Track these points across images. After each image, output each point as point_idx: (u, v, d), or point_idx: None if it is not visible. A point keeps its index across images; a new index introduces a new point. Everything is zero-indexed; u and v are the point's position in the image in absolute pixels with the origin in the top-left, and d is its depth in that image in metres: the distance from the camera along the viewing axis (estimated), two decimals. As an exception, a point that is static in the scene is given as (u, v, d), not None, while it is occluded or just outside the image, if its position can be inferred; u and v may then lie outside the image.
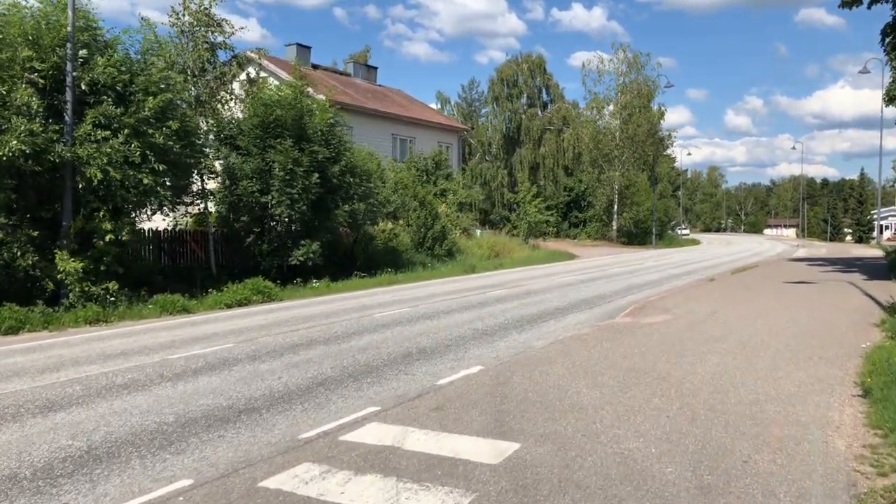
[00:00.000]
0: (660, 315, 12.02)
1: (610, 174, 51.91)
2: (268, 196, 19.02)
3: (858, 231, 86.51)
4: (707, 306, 12.88)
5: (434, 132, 43.67)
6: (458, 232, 32.90)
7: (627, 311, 12.74)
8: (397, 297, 16.15)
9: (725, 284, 16.99)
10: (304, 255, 19.11)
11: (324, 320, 12.35)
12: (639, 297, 15.47)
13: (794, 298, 13.89)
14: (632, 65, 52.11)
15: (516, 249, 34.13)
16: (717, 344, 9.37)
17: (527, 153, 60.88)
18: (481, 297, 15.80)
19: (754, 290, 15.55)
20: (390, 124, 40.17)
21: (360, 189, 21.02)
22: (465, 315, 12.79)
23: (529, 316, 12.61)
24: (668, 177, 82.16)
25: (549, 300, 14.91)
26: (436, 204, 28.15)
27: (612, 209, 53.01)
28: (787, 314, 11.79)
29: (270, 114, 19.26)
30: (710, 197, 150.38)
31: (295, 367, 8.48)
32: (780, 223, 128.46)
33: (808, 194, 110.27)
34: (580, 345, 9.56)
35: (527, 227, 35.96)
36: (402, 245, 26.06)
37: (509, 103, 62.65)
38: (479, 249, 31.13)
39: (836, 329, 10.34)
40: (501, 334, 10.72)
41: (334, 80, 41.28)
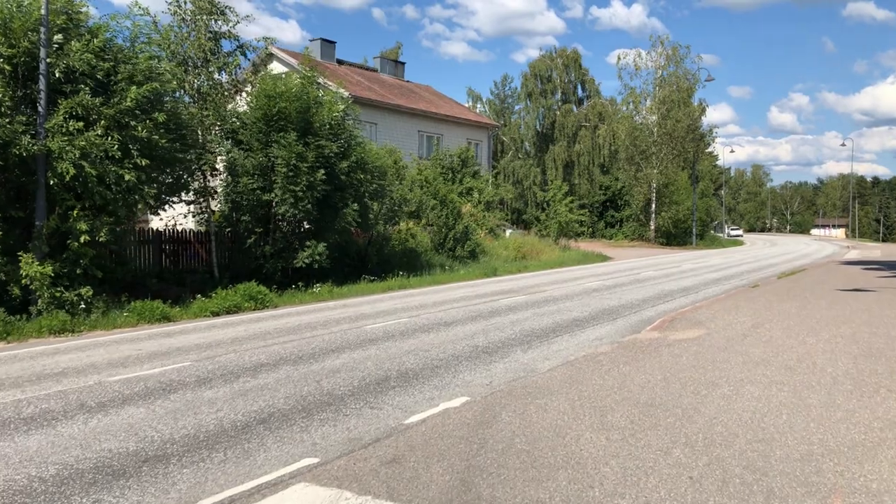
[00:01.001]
0: (692, 330, 10.36)
1: (647, 172, 49.74)
2: (270, 194, 17.79)
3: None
4: (748, 319, 11.17)
5: (463, 129, 42.27)
6: (483, 232, 31.41)
7: (655, 325, 11.10)
8: (401, 304, 14.73)
9: (770, 292, 15.18)
10: (310, 258, 17.82)
11: (307, 333, 10.97)
12: (670, 306, 13.78)
13: (850, 310, 12.07)
14: (670, 58, 49.86)
15: (546, 251, 32.43)
16: (759, 369, 7.72)
17: (560, 151, 59.00)
18: (493, 304, 14.28)
19: (803, 299, 13.73)
20: (417, 121, 38.89)
21: (371, 187, 19.67)
22: (468, 327, 11.30)
23: (542, 329, 11.06)
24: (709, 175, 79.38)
25: (569, 309, 13.32)
26: (458, 202, 26.66)
27: (649, 208, 50.83)
28: (844, 330, 10.03)
29: (273, 106, 17.99)
30: (755, 196, 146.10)
31: (243, 395, 7.09)
32: (828, 223, 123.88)
33: (858, 193, 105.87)
34: (593, 368, 7.99)
35: (557, 228, 34.22)
36: (421, 246, 24.67)
37: (543, 99, 60.86)
38: (505, 251, 29.55)
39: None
40: (503, 353, 9.20)
41: (360, 75, 40.17)
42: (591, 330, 10.99)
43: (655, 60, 50.00)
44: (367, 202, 19.96)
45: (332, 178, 18.39)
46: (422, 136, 39.19)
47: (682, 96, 50.39)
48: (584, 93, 63.34)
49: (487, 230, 32.08)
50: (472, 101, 62.41)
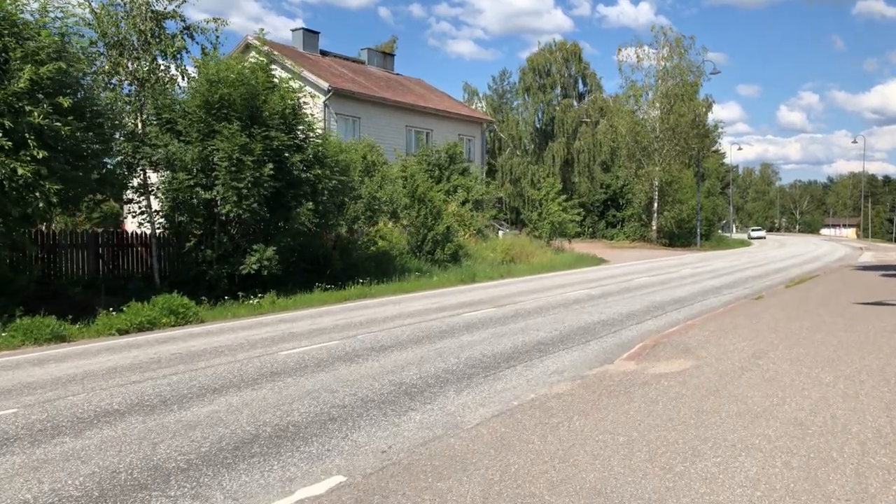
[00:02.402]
0: (678, 360, 8.28)
1: (649, 169, 47.46)
2: (211, 191, 15.80)
3: (926, 231, 79.96)
4: (748, 344, 9.07)
5: (454, 124, 40.23)
6: (469, 233, 29.34)
7: (634, 351, 9.02)
8: (346, 319, 12.68)
9: (776, 305, 13.06)
10: (258, 263, 15.83)
11: (202, 362, 8.93)
12: (658, 324, 11.69)
13: (874, 332, 9.95)
14: (674, 49, 47.56)
15: (537, 253, 30.31)
16: (759, 426, 5.65)
17: (560, 147, 56.81)
18: (452, 320, 12.22)
19: (816, 316, 11.61)
20: (404, 115, 36.87)
21: (330, 183, 17.63)
22: (406, 354, 9.24)
23: (494, 357, 8.99)
24: (716, 173, 77.10)
25: (537, 328, 11.25)
26: (439, 201, 24.59)
27: (651, 208, 48.58)
28: (870, 362, 7.93)
29: (215, 92, 15.98)
30: (763, 195, 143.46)
31: (35, 470, 5.06)
32: (839, 223, 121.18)
33: (870, 192, 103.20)
34: (536, 423, 5.94)
35: (550, 228, 32.11)
36: (397, 249, 22.63)
37: (542, 94, 58.67)
38: (492, 254, 27.46)
39: (955, 396, 6.50)
40: (430, 394, 7.15)
41: (344, 67, 38.17)
42: (555, 358, 8.92)
43: (658, 52, 47.74)
44: (325, 200, 17.95)
45: (283, 173, 16.39)
46: (409, 130, 37.17)
47: (686, 90, 48.11)
48: (584, 88, 61.13)
49: (475, 231, 30.03)
50: (468, 97, 60.28)
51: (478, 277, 20.73)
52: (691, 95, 47.93)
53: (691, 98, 48.24)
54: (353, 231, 22.57)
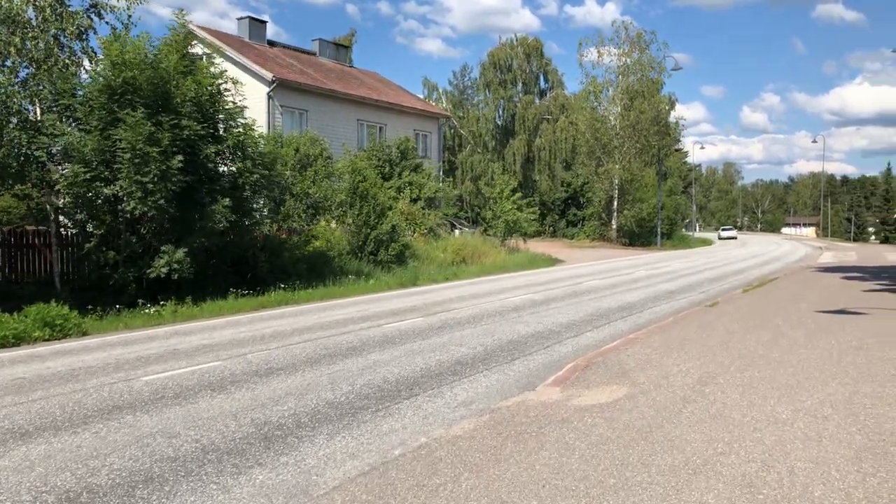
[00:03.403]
0: (609, 386, 6.95)
1: (609, 167, 46.45)
2: (114, 186, 14.14)
3: (884, 231, 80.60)
4: (694, 364, 7.78)
5: (410, 119, 38.76)
6: (420, 232, 27.92)
7: (562, 373, 7.67)
8: (248, 333, 11.15)
9: (731, 314, 11.84)
10: (167, 266, 14.21)
11: (38, 392, 7.33)
12: (598, 336, 10.37)
13: (839, 348, 8.74)
14: (634, 44, 46.58)
15: (490, 253, 28.98)
16: (696, 488, 4.32)
17: (520, 145, 55.63)
18: (368, 333, 10.76)
19: (773, 328, 10.40)
20: (356, 108, 35.29)
21: (252, 177, 16.07)
22: (293, 379, 7.77)
23: (396, 383, 7.57)
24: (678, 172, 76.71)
25: (461, 342, 9.85)
26: (384, 198, 23.09)
27: (611, 206, 47.60)
28: (834, 390, 6.67)
29: (118, 75, 14.31)
30: (726, 194, 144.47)
31: None
32: (799, 221, 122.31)
33: (829, 192, 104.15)
34: (411, 486, 4.53)
35: (504, 227, 30.80)
36: (336, 249, 21.09)
37: (502, 90, 57.39)
38: (442, 254, 26.04)
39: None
40: (293, 440, 5.70)
41: (292, 58, 36.43)
42: (469, 383, 7.52)
43: (619, 47, 46.74)
44: (247, 196, 16.39)
45: (195, 166, 14.81)
46: (361, 125, 35.61)
47: (647, 87, 47.22)
48: (546, 84, 60.03)
49: (426, 230, 28.60)
50: (427, 92, 58.79)
51: (420, 281, 19.31)
52: (653, 92, 47.02)
53: (653, 95, 47.35)
54: (289, 230, 21.03)
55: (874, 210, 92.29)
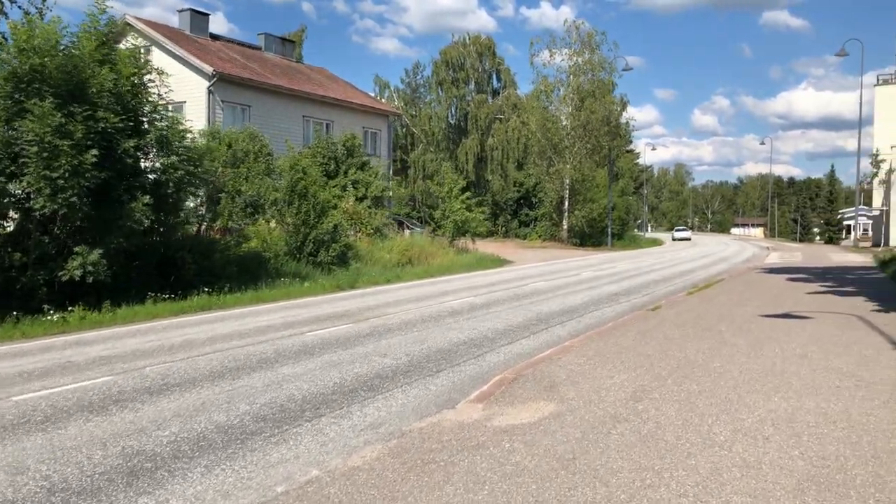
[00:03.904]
0: (536, 402, 6.32)
1: (560, 167, 46.20)
2: (20, 182, 13.05)
3: (828, 231, 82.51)
4: (630, 376, 7.20)
5: (358, 116, 37.86)
6: (365, 232, 27.10)
7: (487, 388, 7.01)
8: (155, 342, 10.25)
9: (673, 319, 11.36)
10: (81, 268, 13.17)
11: None
12: (534, 344, 9.76)
13: (782, 356, 8.28)
14: (585, 44, 46.42)
15: (438, 254, 28.32)
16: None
17: (472, 144, 55.10)
18: (287, 342, 9.96)
19: (716, 334, 9.94)
20: (302, 105, 34.27)
21: (176, 174, 15.09)
22: (187, 398, 6.95)
23: (302, 401, 6.82)
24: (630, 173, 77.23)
25: (385, 352, 9.13)
26: (325, 196, 22.22)
27: (562, 206, 47.37)
28: (776, 405, 6.15)
29: (26, 61, 13.21)
30: (677, 195, 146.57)
31: None
32: (748, 222, 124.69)
33: (776, 193, 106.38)
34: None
35: (453, 227, 30.16)
36: (272, 250, 20.15)
37: (455, 89, 56.78)
38: (387, 255, 25.26)
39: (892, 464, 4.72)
40: (159, 477, 4.91)
41: (235, 52, 35.20)
42: (384, 400, 6.81)
43: (570, 47, 46.51)
44: (171, 194, 15.40)
45: (113, 161, 13.81)
46: (307, 121, 34.57)
47: (598, 87, 47.13)
48: (499, 83, 59.60)
49: (372, 230, 27.78)
50: (379, 90, 57.87)
51: (359, 283, 18.51)
52: (604, 93, 46.95)
53: (604, 95, 47.27)
54: (225, 230, 20.03)
55: (819, 211, 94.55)
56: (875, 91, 59.81)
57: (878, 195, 57.59)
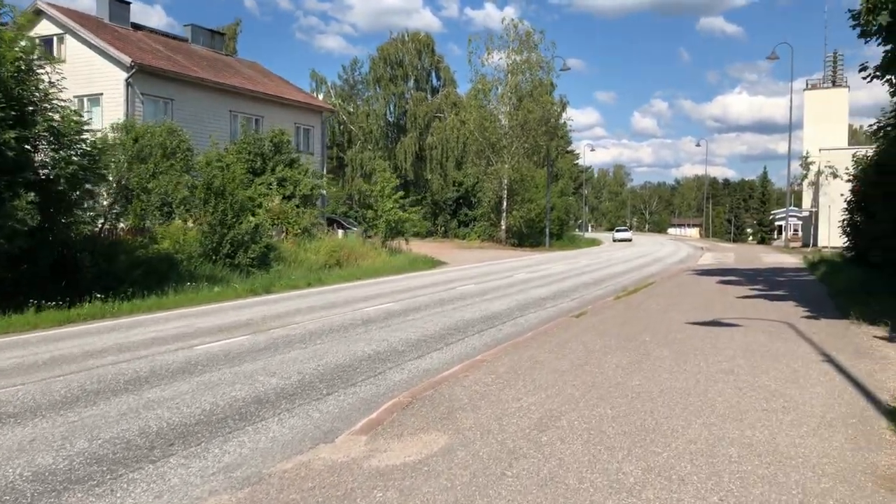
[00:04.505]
0: (428, 433, 5.47)
1: (498, 167, 45.68)
2: None
3: (761, 231, 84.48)
4: (538, 398, 6.43)
5: (290, 112, 36.52)
6: (292, 233, 25.92)
7: (376, 415, 6.12)
8: (14, 360, 9.02)
9: (596, 328, 10.67)
10: (-49, 272, 11.78)
11: None
12: (443, 358, 8.92)
13: (706, 371, 7.65)
14: (524, 43, 46.01)
15: (370, 255, 27.35)
16: None
17: (411, 142, 54.20)
18: (169, 358, 8.88)
19: (639, 343, 9.29)
20: (230, 99, 32.77)
21: (68, 169, 13.75)
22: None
23: (154, 436, 5.81)
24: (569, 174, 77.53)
25: (274, 371, 8.16)
26: (245, 194, 20.99)
27: (501, 207, 46.87)
28: (695, 433, 5.45)
29: None
30: (616, 196, 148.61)
31: None
32: (684, 222, 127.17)
33: (711, 194, 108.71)
34: None
35: (385, 228, 29.20)
36: (186, 251, 18.83)
37: (393, 86, 55.76)
38: (314, 256, 24.15)
39: None
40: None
41: (159, 43, 33.43)
42: (252, 433, 5.85)
43: (508, 45, 46.01)
44: (63, 190, 14.05)
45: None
46: (235, 116, 33.08)
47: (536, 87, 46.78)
48: (438, 81, 58.81)
49: (299, 230, 26.59)
50: (315, 85, 56.42)
51: (276, 287, 17.40)
52: (542, 92, 46.62)
53: (542, 95, 46.95)
54: (135, 230, 18.67)
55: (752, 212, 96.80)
56: (805, 96, 61.36)
57: (808, 196, 59.07)
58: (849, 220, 22.14)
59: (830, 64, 60.96)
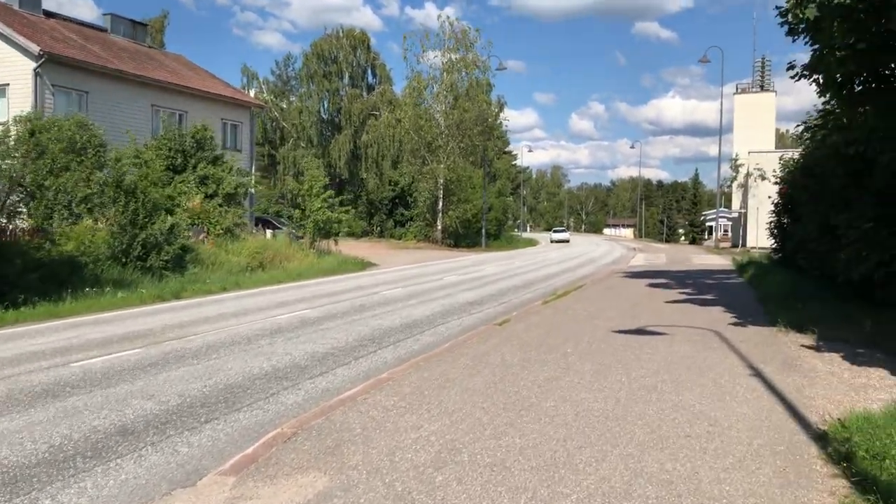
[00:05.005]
0: (306, 475, 4.70)
1: (433, 166, 45.04)
2: None
3: (692, 232, 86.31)
4: (442, 426, 5.73)
5: (217, 107, 35.00)
6: (214, 233, 24.66)
7: (252, 450, 5.31)
8: None
9: (517, 337, 10.03)
10: None
11: None
12: (348, 375, 8.14)
13: (626, 390, 7.10)
14: (460, 41, 45.48)
15: (296, 257, 26.29)
16: None
17: (346, 140, 53.08)
18: (26, 381, 7.81)
19: (560, 355, 8.71)
20: (151, 93, 31.11)
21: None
22: None
23: (-15, 477, 4.88)
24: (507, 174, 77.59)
25: (155, 392, 7.24)
26: (155, 192, 19.72)
27: (436, 206, 46.24)
28: (611, 466, 4.83)
29: None
30: (554, 196, 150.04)
31: None
32: (619, 223, 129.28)
33: (645, 195, 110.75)
34: None
35: (313, 228, 28.16)
36: (91, 253, 17.48)
37: (327, 82, 54.53)
38: (236, 258, 22.99)
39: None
40: None
41: (74, 32, 31.49)
42: (98, 476, 4.96)
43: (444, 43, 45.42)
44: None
45: None
46: (156, 111, 31.42)
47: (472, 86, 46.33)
48: (374, 79, 57.85)
49: (221, 230, 25.33)
50: (247, 81, 54.68)
51: (187, 292, 16.29)
52: (478, 92, 46.19)
53: (478, 94, 46.51)
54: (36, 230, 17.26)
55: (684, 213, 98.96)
56: (735, 100, 62.75)
57: (737, 198, 60.37)
58: (776, 222, 22.26)
59: (759, 69, 62.52)
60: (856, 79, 8.88)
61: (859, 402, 6.31)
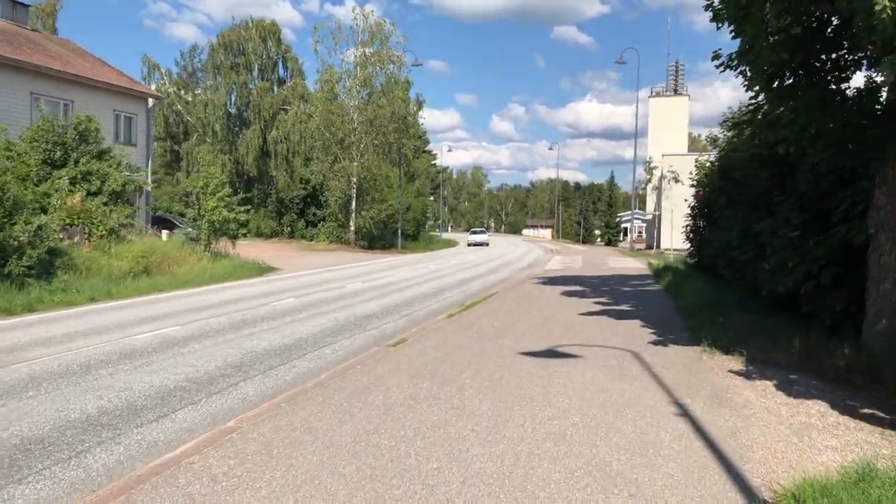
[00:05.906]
0: None
1: (346, 164, 43.24)
2: None
3: (608, 233, 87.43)
4: (297, 492, 4.27)
5: (109, 97, 32.20)
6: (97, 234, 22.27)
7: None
8: None
9: (408, 366, 8.57)
10: None
11: None
12: (191, 420, 6.53)
13: (531, 437, 5.80)
14: (375, 34, 43.83)
15: (189, 260, 24.13)
16: None
17: (254, 136, 50.55)
18: None
19: (455, 388, 7.36)
20: (30, 79, 28.17)
21: None
22: None
23: None
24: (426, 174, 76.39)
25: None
26: (14, 189, 17.35)
27: (350, 206, 44.44)
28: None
29: None
30: (475, 196, 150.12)
31: None
32: (538, 223, 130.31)
33: (563, 197, 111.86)
34: None
35: (209, 229, 26.02)
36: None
37: (235, 75, 51.81)
38: (117, 262, 20.74)
39: None
40: None
41: (-62, 9, 28.33)
42: None
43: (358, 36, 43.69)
44: None
45: None
46: (35, 99, 28.49)
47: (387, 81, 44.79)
48: (285, 72, 55.44)
49: (105, 231, 22.93)
50: (147, 71, 51.38)
51: (43, 305, 14.12)
52: (393, 87, 44.67)
53: (395, 91, 44.99)
54: None
55: (600, 214, 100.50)
56: (649, 103, 63.54)
57: (652, 200, 61.12)
58: (692, 225, 21.75)
59: (673, 73, 63.50)
60: (787, 70, 7.92)
61: (806, 453, 5.21)
